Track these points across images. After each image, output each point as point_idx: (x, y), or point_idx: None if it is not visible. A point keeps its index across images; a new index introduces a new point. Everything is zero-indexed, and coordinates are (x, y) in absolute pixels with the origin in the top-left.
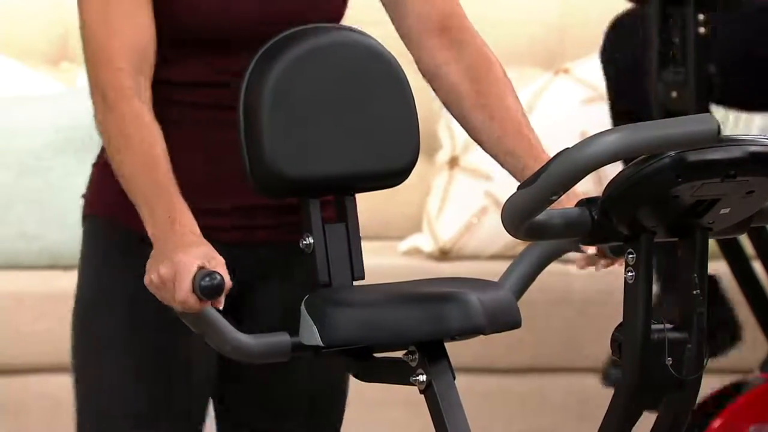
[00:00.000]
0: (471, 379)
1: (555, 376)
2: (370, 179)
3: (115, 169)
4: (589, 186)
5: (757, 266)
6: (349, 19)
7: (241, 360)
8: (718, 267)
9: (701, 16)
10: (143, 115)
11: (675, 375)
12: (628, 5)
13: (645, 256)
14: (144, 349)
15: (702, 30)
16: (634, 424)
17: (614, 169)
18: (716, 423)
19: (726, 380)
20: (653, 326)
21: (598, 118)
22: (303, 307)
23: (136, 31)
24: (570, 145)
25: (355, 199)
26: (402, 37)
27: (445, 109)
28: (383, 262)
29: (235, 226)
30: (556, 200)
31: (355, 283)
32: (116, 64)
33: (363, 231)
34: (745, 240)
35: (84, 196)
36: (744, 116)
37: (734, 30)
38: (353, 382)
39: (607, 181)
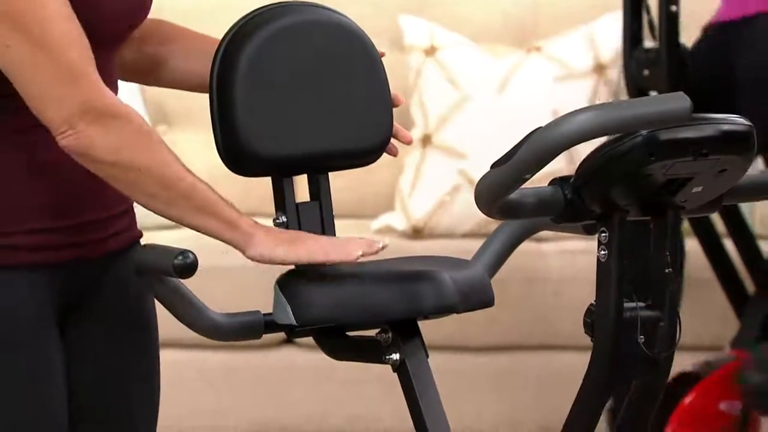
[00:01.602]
0: (444, 358)
1: (528, 354)
2: (344, 158)
3: (131, 180)
4: (561, 165)
5: (728, 244)
6: None
7: (215, 338)
8: (690, 245)
9: None
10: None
11: (647, 352)
12: None
13: (617, 234)
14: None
15: (673, 8)
16: (606, 402)
17: (586, 147)
18: (687, 400)
19: (697, 357)
20: (626, 304)
21: (570, 96)
22: (276, 286)
23: (81, 33)
24: (542, 123)
25: (328, 177)
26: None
27: (418, 88)
28: None
29: (72, 243)
30: (529, 179)
31: None
32: (89, 76)
33: (336, 209)
34: (716, 218)
35: None
36: None
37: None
38: (327, 360)
39: (579, 160)
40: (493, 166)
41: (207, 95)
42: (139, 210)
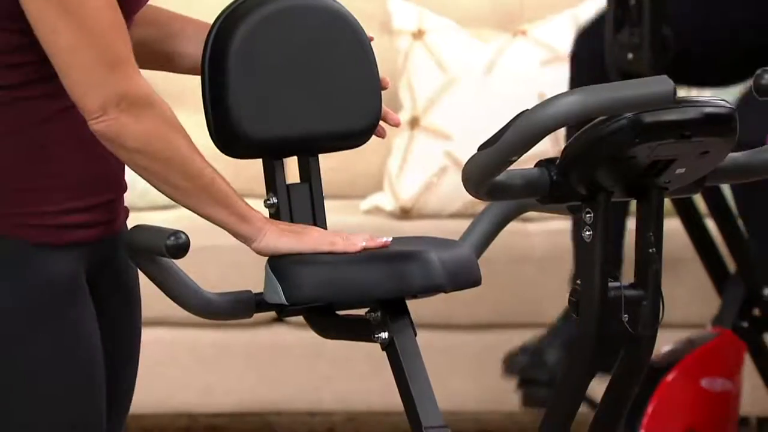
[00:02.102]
0: (432, 336)
1: (514, 332)
2: (333, 140)
3: (156, 168)
4: (547, 147)
5: (710, 224)
6: None
7: (206, 317)
8: (672, 225)
9: None
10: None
11: (631, 331)
12: None
13: (602, 215)
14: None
15: None
16: (591, 380)
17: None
18: (670, 377)
19: (679, 335)
20: (610, 284)
21: (556, 79)
22: (267, 266)
23: (123, 21)
24: (528, 106)
25: (318, 159)
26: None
27: (406, 71)
28: (345, 220)
29: (98, 222)
30: (516, 161)
31: None
32: (129, 64)
33: (326, 190)
34: (698, 199)
35: None
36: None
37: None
38: (316, 339)
39: (565, 143)
40: (480, 148)
41: (198, 77)
42: (133, 191)
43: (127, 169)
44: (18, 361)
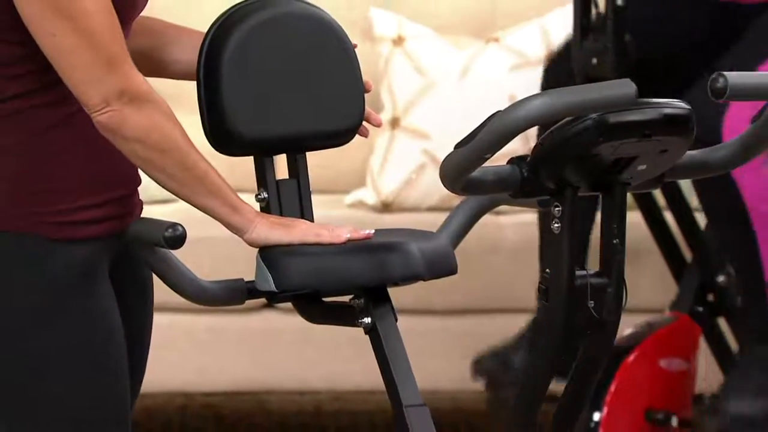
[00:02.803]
0: (412, 320)
1: (488, 317)
2: (320, 138)
3: (153, 159)
4: (517, 145)
5: (668, 216)
6: None
7: (201, 304)
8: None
9: None
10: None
11: (596, 316)
12: None
13: (570, 209)
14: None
15: (619, 2)
16: (558, 362)
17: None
18: (630, 358)
19: (640, 319)
20: (577, 272)
21: (525, 82)
22: (258, 256)
23: (118, 24)
24: (500, 108)
25: (305, 156)
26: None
27: (387, 75)
28: (331, 213)
29: (111, 216)
30: (489, 158)
31: None
32: (127, 63)
33: (312, 185)
34: (658, 194)
35: None
36: None
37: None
38: (304, 324)
39: (534, 141)
40: (456, 146)
41: (193, 82)
42: None
43: None
44: (39, 349)
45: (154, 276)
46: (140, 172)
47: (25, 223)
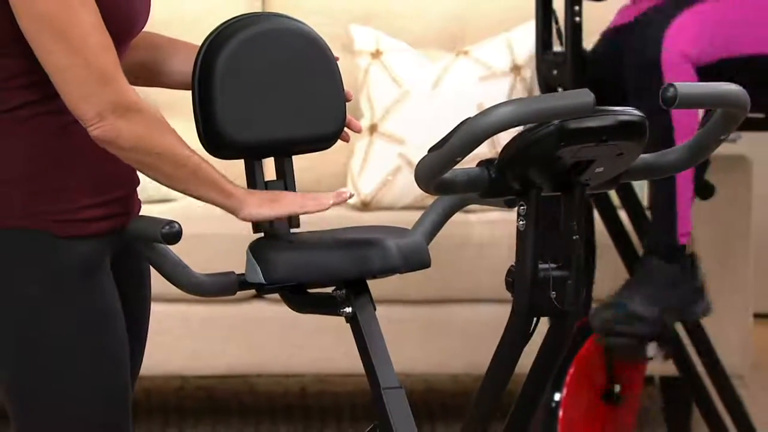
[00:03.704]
0: (389, 309)
1: (458, 306)
2: (305, 143)
3: (150, 162)
4: (485, 149)
5: (623, 215)
6: (291, 8)
7: (196, 294)
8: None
9: (576, 7)
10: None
11: (558, 306)
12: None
13: (534, 207)
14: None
15: (577, 19)
16: (524, 346)
17: (507, 135)
18: (588, 342)
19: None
20: (540, 266)
21: (492, 92)
22: (248, 251)
23: (111, 42)
24: (470, 115)
25: (292, 160)
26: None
27: (366, 85)
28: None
29: (115, 214)
30: (460, 161)
31: (292, 230)
32: (118, 77)
33: (298, 186)
34: (612, 194)
35: None
36: None
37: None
38: (290, 313)
39: (501, 146)
40: (430, 150)
41: (186, 91)
42: None
43: None
44: (47, 338)
45: (152, 269)
46: (138, 173)
47: (35, 221)
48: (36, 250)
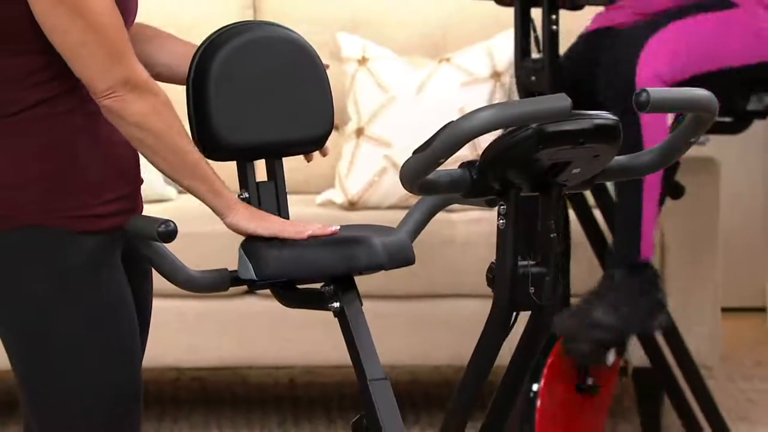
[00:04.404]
0: (375, 304)
1: (441, 301)
2: (295, 146)
3: (150, 142)
4: (467, 152)
5: (597, 213)
6: (281, 17)
7: (190, 290)
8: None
9: (553, 16)
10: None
11: (536, 301)
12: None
13: (513, 207)
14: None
15: (554, 27)
16: (504, 339)
17: (488, 138)
18: None
19: (573, 302)
20: (519, 262)
21: (474, 97)
22: (240, 249)
23: (123, 22)
24: (452, 119)
25: (282, 161)
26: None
27: (353, 90)
28: (304, 211)
29: (127, 209)
30: (443, 163)
31: None
32: (130, 56)
33: (288, 187)
34: (588, 194)
35: None
36: None
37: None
38: (281, 308)
39: (482, 148)
40: (414, 152)
41: (180, 89)
42: None
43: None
44: (63, 328)
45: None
46: (140, 173)
47: (49, 218)
48: (46, 246)
